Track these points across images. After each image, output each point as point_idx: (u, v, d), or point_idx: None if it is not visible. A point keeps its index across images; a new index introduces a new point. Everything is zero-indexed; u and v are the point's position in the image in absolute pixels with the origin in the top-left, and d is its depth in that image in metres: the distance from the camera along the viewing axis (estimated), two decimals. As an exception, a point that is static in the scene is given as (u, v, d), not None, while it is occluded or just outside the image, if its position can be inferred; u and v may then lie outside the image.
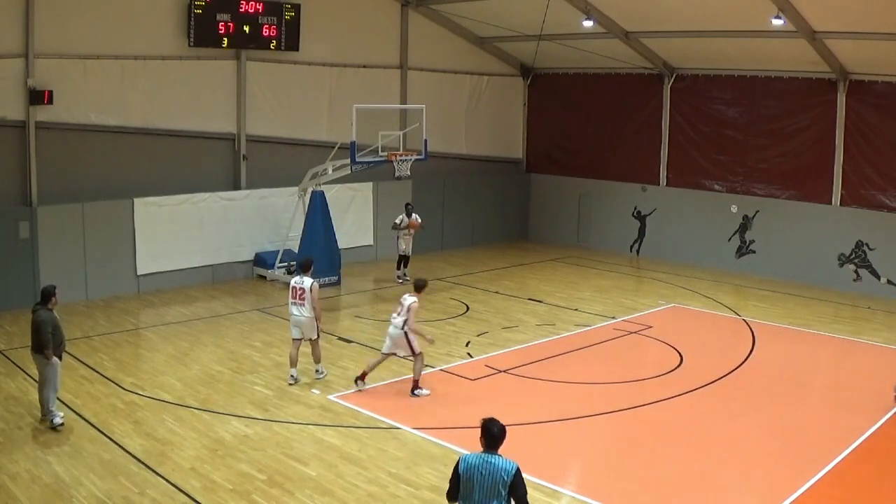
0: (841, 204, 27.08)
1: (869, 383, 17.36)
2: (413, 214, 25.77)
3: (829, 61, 25.79)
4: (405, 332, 15.64)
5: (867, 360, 19.33)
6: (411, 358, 15.84)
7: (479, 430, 8.41)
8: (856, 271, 26.49)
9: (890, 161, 26.13)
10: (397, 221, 25.53)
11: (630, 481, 12.36)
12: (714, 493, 12.09)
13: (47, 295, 13.83)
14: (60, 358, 13.81)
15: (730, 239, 29.23)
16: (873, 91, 26.31)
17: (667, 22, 26.38)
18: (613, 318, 21.87)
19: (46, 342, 13.46)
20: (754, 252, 28.74)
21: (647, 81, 30.85)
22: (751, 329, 21.31)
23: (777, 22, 23.10)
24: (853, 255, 26.58)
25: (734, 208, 28.99)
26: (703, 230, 29.72)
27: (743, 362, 18.42)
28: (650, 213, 31.01)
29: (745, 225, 28.90)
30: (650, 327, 21.01)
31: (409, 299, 15.87)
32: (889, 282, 25.68)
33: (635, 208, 31.36)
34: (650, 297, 24.53)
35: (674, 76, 30.33)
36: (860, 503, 11.92)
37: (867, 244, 26.23)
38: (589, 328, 20.85)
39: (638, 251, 31.32)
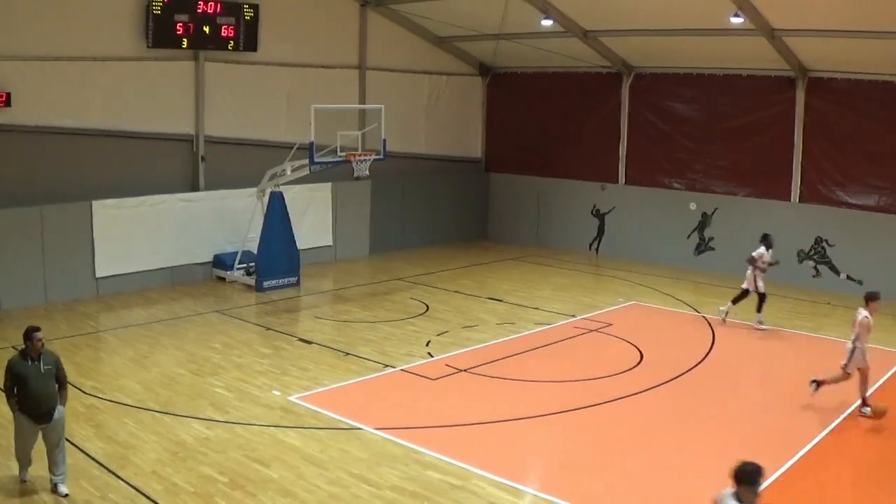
0: (800, 201, 27.39)
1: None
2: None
3: (789, 59, 26.05)
4: (853, 349, 15.56)
5: (827, 356, 19.49)
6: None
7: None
8: (815, 267, 26.81)
9: (849, 157, 26.45)
10: (757, 255, 22.45)
11: (592, 479, 12.46)
12: (676, 489, 12.21)
13: (24, 338, 11.56)
14: (37, 420, 11.39)
15: (689, 236, 29.47)
16: (832, 88, 26.63)
17: (626, 21, 26.55)
18: (573, 316, 21.97)
19: (5, 391, 11.59)
20: (713, 249, 28.99)
21: (605, 80, 31.02)
22: (710, 326, 21.52)
23: (736, 20, 23.33)
24: (812, 252, 26.88)
25: (693, 206, 29.23)
26: (662, 228, 29.92)
27: (703, 359, 18.61)
28: (609, 212, 31.19)
29: (703, 222, 29.16)
30: (610, 325, 21.14)
31: (861, 313, 15.61)
32: (849, 277, 25.98)
33: (594, 206, 31.52)
34: (610, 294, 24.69)
35: (633, 75, 30.53)
36: (824, 499, 12.09)
37: (826, 240, 26.53)
38: (549, 326, 20.94)
39: (597, 249, 31.48)
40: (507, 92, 33.82)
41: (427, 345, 18.95)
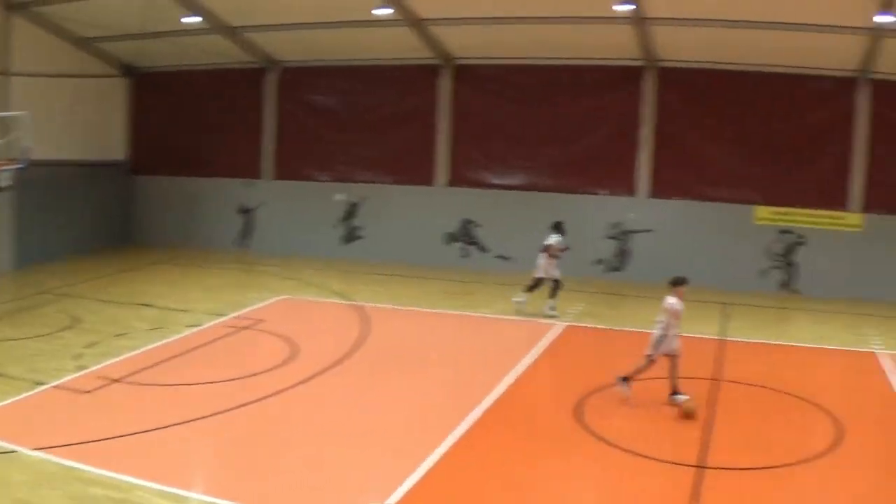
0: (447, 185, 28.95)
1: (484, 354, 19.24)
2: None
3: (434, 47, 27.41)
4: (661, 335, 15.79)
5: (482, 332, 21.25)
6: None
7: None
8: (464, 248, 28.48)
9: (492, 140, 28.43)
10: (558, 244, 23.03)
11: (259, 476, 12.72)
12: (345, 475, 12.61)
13: None
14: None
15: (337, 227, 30.45)
16: (477, 74, 28.53)
17: (271, 15, 27.10)
18: (225, 315, 22.33)
19: None
20: (362, 238, 30.15)
21: (252, 75, 31.60)
22: (364, 313, 22.61)
23: (382, 11, 24.14)
24: (461, 233, 28.52)
25: (340, 196, 30.24)
26: (310, 220, 30.85)
27: (359, 346, 19.53)
28: (257, 208, 31.68)
29: (351, 212, 30.22)
30: (262, 321, 21.69)
31: (668, 300, 15.90)
32: (499, 256, 27.80)
33: (242, 204, 31.90)
34: (261, 290, 25.31)
35: (279, 69, 31.09)
36: (489, 469, 12.94)
37: (474, 221, 28.24)
38: (201, 328, 21.18)
39: (247, 246, 31.91)
40: (154, 92, 33.58)
41: (77, 358, 18.63)
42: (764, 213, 27.68)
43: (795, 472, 13.16)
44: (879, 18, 21.87)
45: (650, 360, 15.95)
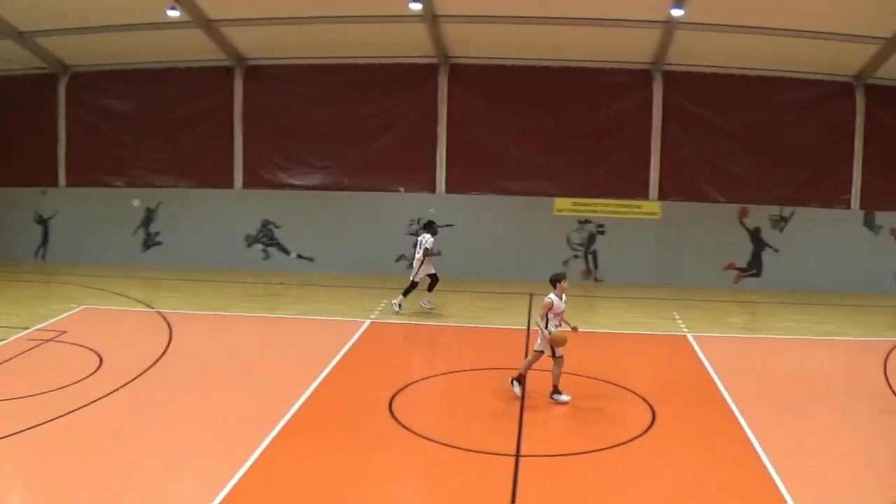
0: (244, 187, 28.93)
1: (293, 355, 19.37)
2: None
3: (226, 48, 27.30)
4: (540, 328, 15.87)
5: (288, 333, 21.35)
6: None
7: None
8: (264, 250, 28.56)
9: (290, 141, 28.63)
10: (431, 248, 23.08)
11: (72, 491, 12.40)
12: (157, 487, 12.30)
13: None
14: None
15: (135, 233, 30.04)
16: (270, 75, 28.79)
17: (62, 19, 26.43)
18: (27, 328, 21.63)
19: None
20: (161, 243, 29.82)
21: (44, 81, 30.60)
22: (166, 320, 22.29)
23: (173, 13, 24.03)
24: (261, 235, 28.57)
25: (136, 202, 29.88)
26: (107, 227, 30.31)
27: (163, 354, 19.22)
28: (52, 217, 30.91)
29: (149, 217, 29.86)
30: (65, 332, 21.12)
31: (548, 296, 15.91)
32: (300, 256, 27.94)
33: (36, 212, 31.08)
34: (61, 301, 24.61)
35: (69, 74, 30.32)
36: (306, 473, 12.83)
37: (273, 223, 28.36)
38: (3, 342, 20.47)
39: (44, 256, 31.10)
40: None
41: None
42: (563, 205, 28.72)
43: (611, 455, 13.74)
44: (675, 12, 23.21)
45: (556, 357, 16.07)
